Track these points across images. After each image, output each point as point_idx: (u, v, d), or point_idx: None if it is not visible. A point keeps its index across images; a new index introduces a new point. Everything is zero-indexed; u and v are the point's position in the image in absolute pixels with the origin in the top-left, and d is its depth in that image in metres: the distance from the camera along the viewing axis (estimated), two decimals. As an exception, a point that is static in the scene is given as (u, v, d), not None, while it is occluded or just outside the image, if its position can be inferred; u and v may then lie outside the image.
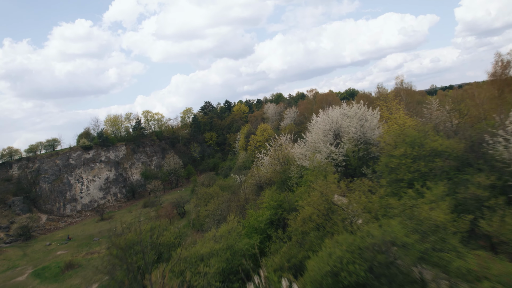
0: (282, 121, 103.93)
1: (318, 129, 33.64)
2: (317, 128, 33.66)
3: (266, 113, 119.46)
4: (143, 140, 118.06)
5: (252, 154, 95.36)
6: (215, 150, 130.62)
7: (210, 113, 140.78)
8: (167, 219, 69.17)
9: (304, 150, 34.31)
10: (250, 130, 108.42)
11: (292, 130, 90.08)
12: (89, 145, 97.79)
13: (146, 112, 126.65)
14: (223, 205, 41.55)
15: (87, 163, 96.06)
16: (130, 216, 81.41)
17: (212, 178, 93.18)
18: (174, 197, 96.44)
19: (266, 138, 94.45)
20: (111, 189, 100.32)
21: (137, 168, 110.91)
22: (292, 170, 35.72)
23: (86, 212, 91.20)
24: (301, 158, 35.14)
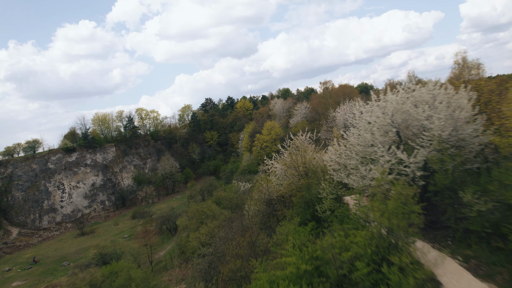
0: (292, 118, 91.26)
1: (367, 125, 20.74)
2: (366, 123, 20.77)
3: (272, 110, 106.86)
4: (136, 140, 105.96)
5: (258, 155, 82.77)
6: (216, 151, 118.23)
7: (211, 110, 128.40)
8: (155, 237, 57.02)
9: (343, 158, 21.52)
10: (255, 128, 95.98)
11: (305, 128, 77.68)
12: (71, 146, 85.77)
13: (140, 110, 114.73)
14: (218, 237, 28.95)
15: (69, 167, 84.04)
16: (115, 230, 69.40)
17: (212, 184, 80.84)
18: (169, 206, 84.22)
19: (274, 137, 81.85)
20: (97, 196, 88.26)
21: (129, 172, 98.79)
22: (323, 188, 23.04)
23: (67, 224, 79.17)
24: (337, 169, 22.49)
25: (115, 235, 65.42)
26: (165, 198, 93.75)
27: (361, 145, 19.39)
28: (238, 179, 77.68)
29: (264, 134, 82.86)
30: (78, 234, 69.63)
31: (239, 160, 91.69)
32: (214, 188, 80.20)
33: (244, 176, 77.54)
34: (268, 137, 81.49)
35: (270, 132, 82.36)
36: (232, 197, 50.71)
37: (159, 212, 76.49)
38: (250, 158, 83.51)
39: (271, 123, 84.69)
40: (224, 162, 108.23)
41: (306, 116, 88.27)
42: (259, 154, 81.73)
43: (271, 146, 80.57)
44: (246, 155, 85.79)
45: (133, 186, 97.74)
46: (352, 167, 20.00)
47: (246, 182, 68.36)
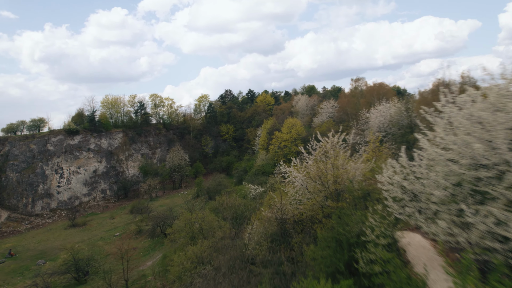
0: (316, 117, 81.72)
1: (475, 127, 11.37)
2: (471, 124, 11.35)
3: (295, 106, 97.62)
4: (146, 128, 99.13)
5: (275, 155, 73.93)
6: (231, 146, 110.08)
7: (230, 102, 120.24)
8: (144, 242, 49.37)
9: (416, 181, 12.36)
10: (275, 125, 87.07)
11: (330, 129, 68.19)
12: (74, 129, 79.50)
13: (154, 95, 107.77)
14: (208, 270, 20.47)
15: (70, 151, 77.83)
16: (108, 225, 62.30)
17: (221, 183, 72.76)
18: (172, 202, 76.76)
19: (295, 136, 72.74)
20: (98, 184, 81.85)
21: (135, 160, 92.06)
22: (370, 224, 14.09)
23: (62, 211, 73.01)
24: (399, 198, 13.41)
25: (107, 231, 58.33)
26: (171, 193, 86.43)
27: (462, 163, 10.18)
28: (250, 180, 69.29)
29: (284, 132, 73.88)
30: (69, 225, 63.07)
31: (254, 159, 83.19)
32: (223, 187, 72.04)
33: (257, 177, 68.97)
34: (288, 135, 72.46)
35: (291, 130, 73.29)
36: (238, 204, 42.17)
37: (160, 209, 69.07)
38: (265, 158, 74.82)
39: (292, 120, 75.57)
40: (238, 159, 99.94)
41: (333, 116, 78.68)
42: (276, 154, 72.90)
43: (290, 146, 71.59)
44: (261, 154, 77.14)
45: (139, 176, 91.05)
46: (438, 201, 10.86)
47: (259, 185, 59.80)
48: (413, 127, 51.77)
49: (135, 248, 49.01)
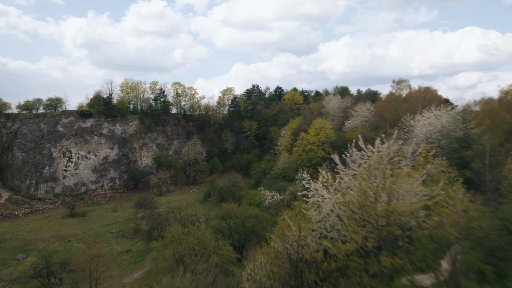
0: (349, 120, 73.04)
1: None
2: None
3: (325, 107, 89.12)
4: (165, 117, 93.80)
5: (298, 159, 66.14)
6: (252, 144, 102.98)
7: (255, 98, 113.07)
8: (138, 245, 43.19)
9: None
10: (301, 125, 79.20)
11: (365, 134, 59.52)
12: (87, 111, 75.00)
13: (177, 84, 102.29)
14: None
15: (81, 134, 73.41)
16: (109, 218, 56.86)
17: (236, 183, 65.79)
18: (182, 199, 70.68)
19: (323, 140, 64.58)
20: (108, 172, 77.14)
21: (150, 150, 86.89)
22: None
23: (66, 197, 68.68)
24: None
25: (105, 226, 52.83)
26: (183, 188, 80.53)
27: None
28: (268, 184, 61.90)
29: (311, 134, 65.91)
30: (67, 214, 58.19)
31: (275, 160, 75.67)
32: (237, 189, 65.02)
33: (276, 181, 61.47)
34: (315, 138, 64.41)
35: (319, 133, 65.21)
36: (248, 214, 34.86)
37: (166, 206, 63.06)
38: (288, 160, 67.16)
39: (321, 122, 67.39)
40: (258, 159, 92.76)
41: (368, 121, 69.82)
42: (300, 157, 65.10)
43: (316, 151, 63.57)
44: (284, 156, 69.52)
45: (152, 167, 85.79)
46: None
47: (276, 192, 52.28)
48: (469, 141, 42.60)
49: (128, 250, 43.07)
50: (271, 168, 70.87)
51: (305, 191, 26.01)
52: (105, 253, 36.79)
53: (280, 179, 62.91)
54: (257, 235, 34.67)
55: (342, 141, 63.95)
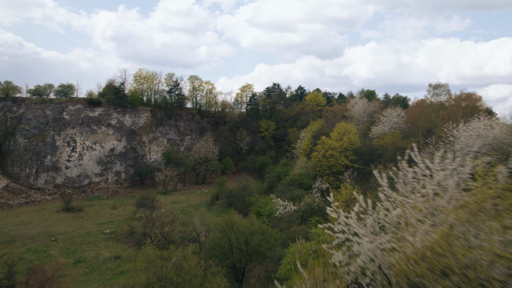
0: (376, 126, 65.96)
1: None
2: None
3: (350, 110, 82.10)
4: (178, 111, 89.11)
5: (317, 165, 59.74)
6: (269, 145, 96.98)
7: (275, 97, 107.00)
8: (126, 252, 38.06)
9: None
10: (322, 128, 72.70)
11: (395, 142, 52.55)
12: (96, 99, 71.02)
13: (193, 77, 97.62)
14: None
15: (87, 123, 69.47)
16: (106, 216, 52.24)
17: (247, 187, 60.09)
18: (188, 200, 65.64)
19: (346, 145, 57.95)
20: (114, 165, 73.00)
21: (160, 145, 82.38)
22: None
23: (67, 189, 64.80)
24: None
25: (99, 225, 48.16)
26: (191, 188, 75.50)
27: None
28: (282, 191, 55.77)
29: (333, 138, 59.38)
30: (63, 208, 53.98)
31: (291, 164, 69.49)
32: (248, 193, 59.24)
33: (291, 188, 55.23)
34: (338, 143, 57.83)
35: (342, 138, 58.59)
36: (254, 230, 28.93)
37: (170, 207, 58.02)
38: (305, 166, 60.84)
39: (346, 126, 60.72)
40: (274, 161, 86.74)
41: (398, 127, 62.59)
42: (319, 163, 58.67)
43: (338, 157, 56.98)
44: (301, 160, 63.23)
45: (161, 163, 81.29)
46: None
47: (290, 201, 46.10)
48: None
49: (117, 257, 37.98)
50: (287, 173, 64.73)
51: (327, 206, 20.21)
52: (70, 273, 31.58)
53: (295, 186, 56.71)
54: (262, 256, 28.75)
55: (368, 149, 57.10)
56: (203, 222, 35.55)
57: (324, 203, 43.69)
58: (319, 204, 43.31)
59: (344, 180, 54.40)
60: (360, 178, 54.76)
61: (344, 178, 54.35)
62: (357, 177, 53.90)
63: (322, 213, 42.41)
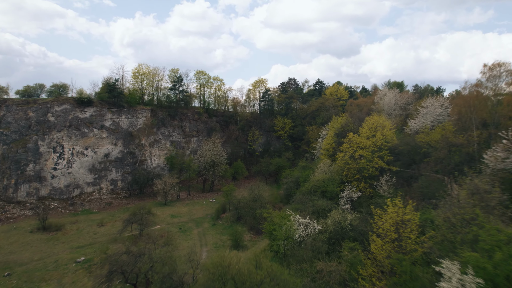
0: (414, 119, 54.50)
1: None
2: None
3: (378, 103, 70.70)
4: (183, 110, 79.85)
5: (344, 167, 48.92)
6: (285, 146, 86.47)
7: (292, 92, 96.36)
8: None
9: None
10: (347, 124, 61.90)
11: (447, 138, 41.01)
12: (86, 98, 62.40)
13: (200, 73, 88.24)
14: None
15: (76, 126, 60.96)
16: (88, 237, 43.08)
17: (259, 197, 50.04)
18: (190, 212, 55.94)
19: (379, 143, 46.82)
20: (109, 172, 64.25)
21: (162, 148, 73.26)
22: None
23: (54, 201, 56.42)
24: None
25: (75, 250, 38.96)
26: (196, 196, 65.91)
27: None
28: (301, 202, 45.14)
29: (363, 135, 48.36)
30: (38, 227, 45.17)
31: (312, 168, 58.79)
32: (260, 204, 48.96)
33: (313, 198, 44.57)
34: (370, 141, 46.78)
35: (374, 134, 47.50)
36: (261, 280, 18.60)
37: (168, 222, 48.53)
38: (329, 170, 50.08)
39: (378, 119, 49.55)
40: (291, 164, 76.25)
41: (442, 120, 50.87)
42: (347, 166, 47.80)
43: (370, 158, 45.90)
44: (324, 163, 52.46)
45: (164, 168, 72.20)
46: None
47: (313, 219, 35.41)
48: None
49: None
50: (306, 178, 54.08)
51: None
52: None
53: (318, 194, 46.03)
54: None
55: (409, 147, 45.58)
56: (190, 257, 25.48)
57: (359, 220, 32.82)
58: (352, 222, 32.49)
59: (380, 186, 43.31)
60: (401, 184, 43.47)
61: (379, 184, 43.23)
62: (396, 182, 42.65)
63: (357, 234, 31.67)
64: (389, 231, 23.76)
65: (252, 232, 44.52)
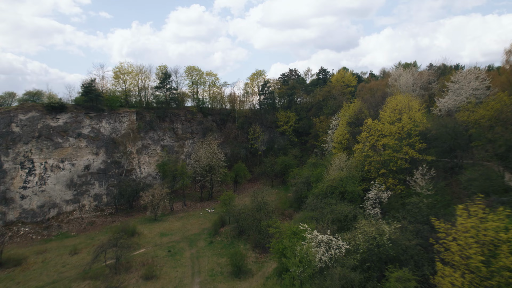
0: (442, 97, 45.38)
1: None
2: None
3: (393, 85, 61.58)
4: (173, 111, 71.45)
5: (364, 161, 40.03)
6: (291, 142, 77.63)
7: (293, 81, 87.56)
8: None
9: None
10: (361, 110, 53.13)
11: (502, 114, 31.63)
12: (57, 103, 54.04)
13: (191, 68, 79.72)
14: None
15: (48, 136, 52.73)
16: (55, 270, 34.50)
17: (263, 205, 41.32)
18: (184, 227, 47.27)
19: (408, 129, 37.73)
20: (91, 187, 55.92)
21: (152, 155, 64.87)
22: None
23: (25, 226, 48.17)
24: None
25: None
26: (193, 207, 57.38)
27: None
28: (316, 206, 36.36)
29: (385, 120, 39.35)
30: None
31: (324, 164, 49.96)
32: (265, 214, 40.22)
33: (330, 202, 35.72)
34: (395, 127, 37.72)
35: (400, 117, 38.48)
36: None
37: (154, 243, 40.13)
38: (346, 165, 41.09)
39: (404, 99, 40.47)
40: (300, 162, 67.43)
41: (481, 96, 41.67)
42: (368, 159, 38.88)
43: (397, 147, 36.91)
44: (339, 157, 43.48)
45: (156, 177, 63.85)
46: None
47: (337, 235, 26.51)
48: None
49: None
50: (319, 177, 45.16)
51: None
52: None
53: (335, 197, 37.12)
54: None
55: (448, 130, 36.58)
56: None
57: (400, 232, 23.84)
58: (390, 235, 23.49)
59: (414, 182, 34.26)
60: (443, 177, 34.41)
61: (414, 179, 34.16)
62: (436, 176, 33.54)
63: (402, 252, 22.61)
64: (472, 259, 14.76)
65: (258, 250, 35.71)
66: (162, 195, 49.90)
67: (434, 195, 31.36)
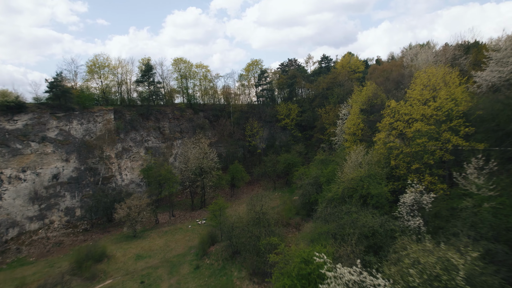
0: (481, 72, 36.35)
1: None
2: None
3: (410, 65, 52.68)
4: (160, 108, 62.79)
5: (390, 156, 31.00)
6: (294, 138, 68.77)
7: (293, 70, 78.64)
8: None
9: None
10: (375, 95, 44.27)
11: None
12: (14, 102, 45.31)
13: (179, 60, 71.04)
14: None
15: (3, 141, 44.18)
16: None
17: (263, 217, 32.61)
18: (167, 245, 38.49)
19: (448, 108, 28.60)
20: (61, 199, 47.35)
21: (135, 158, 56.28)
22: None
23: (-24, 251, 39.55)
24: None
25: None
26: (182, 218, 48.69)
27: None
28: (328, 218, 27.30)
29: (415, 100, 30.43)
30: None
31: (336, 160, 41.07)
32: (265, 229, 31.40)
33: (349, 209, 26.97)
34: (430, 108, 28.74)
35: (435, 94, 29.53)
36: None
37: (127, 269, 31.41)
38: (365, 161, 32.13)
39: (437, 71, 31.46)
40: (305, 160, 58.70)
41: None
42: (395, 152, 30.05)
43: (435, 134, 28.02)
44: (355, 152, 34.44)
45: (140, 184, 55.37)
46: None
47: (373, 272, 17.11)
48: None
49: None
50: (331, 178, 36.27)
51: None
52: None
53: (356, 202, 28.21)
54: None
55: (502, 108, 27.68)
56: None
57: (479, 266, 15.04)
58: (457, 266, 14.63)
59: (466, 178, 25.28)
60: (506, 171, 25.40)
61: (467, 175, 25.13)
62: (497, 169, 24.48)
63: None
64: None
65: (256, 279, 26.76)
66: (141, 207, 41.10)
67: (498, 196, 22.41)
